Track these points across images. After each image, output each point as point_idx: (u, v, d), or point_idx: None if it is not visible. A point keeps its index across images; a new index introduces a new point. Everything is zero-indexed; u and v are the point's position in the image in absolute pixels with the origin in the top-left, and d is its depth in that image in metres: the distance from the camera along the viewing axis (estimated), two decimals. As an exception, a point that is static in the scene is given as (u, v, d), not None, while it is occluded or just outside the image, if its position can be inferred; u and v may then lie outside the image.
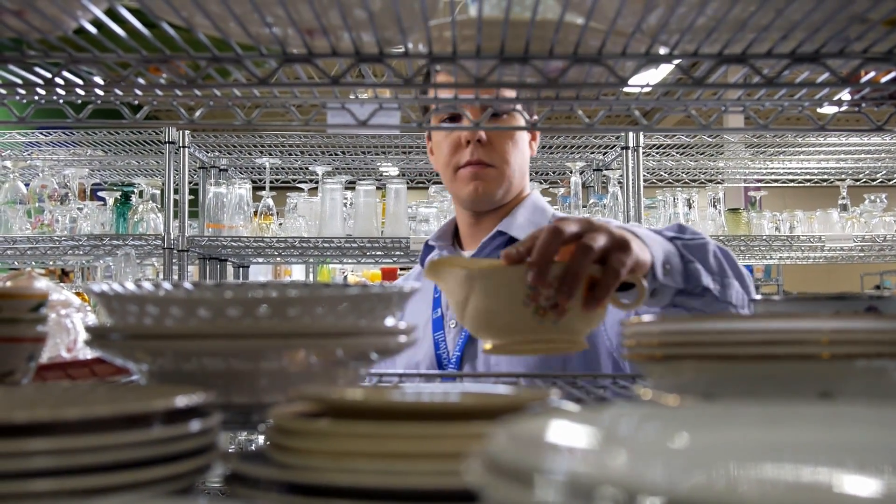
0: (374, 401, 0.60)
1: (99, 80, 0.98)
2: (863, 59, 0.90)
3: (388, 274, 5.57)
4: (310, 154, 3.66)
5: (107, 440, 0.49)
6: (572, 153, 3.59)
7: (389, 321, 0.77)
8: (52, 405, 0.61)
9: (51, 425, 0.50)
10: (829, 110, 1.10)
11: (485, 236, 1.57)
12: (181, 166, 3.12)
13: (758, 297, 1.11)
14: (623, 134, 3.15)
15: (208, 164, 3.60)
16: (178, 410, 0.56)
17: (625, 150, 3.10)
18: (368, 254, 3.28)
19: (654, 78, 1.05)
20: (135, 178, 3.54)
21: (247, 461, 0.55)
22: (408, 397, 0.63)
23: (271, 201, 3.28)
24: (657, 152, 3.72)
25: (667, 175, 4.05)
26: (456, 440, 0.50)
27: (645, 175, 3.31)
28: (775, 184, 4.41)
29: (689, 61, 0.92)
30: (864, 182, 4.22)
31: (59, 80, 0.97)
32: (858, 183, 4.20)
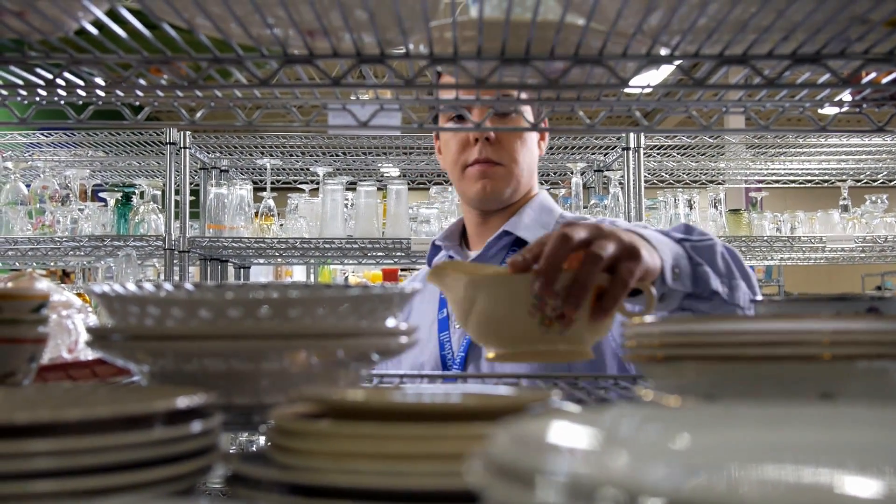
0: (375, 402, 0.60)
1: (100, 81, 0.98)
2: (864, 59, 0.90)
3: (389, 275, 5.58)
4: (311, 155, 3.66)
5: (108, 441, 0.49)
6: (573, 154, 3.59)
7: (390, 322, 0.77)
8: (53, 406, 0.61)
9: (52, 426, 0.50)
10: (830, 111, 1.10)
11: (492, 236, 1.55)
12: (182, 167, 3.13)
13: (759, 297, 1.11)
14: (624, 135, 3.15)
15: (209, 165, 3.60)
16: (179, 411, 0.56)
17: (626, 151, 3.10)
18: (369, 255, 3.28)
19: (655, 79, 1.05)
20: (136, 179, 3.54)
21: (248, 462, 0.55)
22: (409, 398, 0.63)
23: (272, 202, 3.28)
24: (658, 153, 3.72)
25: (668, 176, 4.05)
26: (457, 441, 0.50)
27: (646, 176, 3.32)
28: (776, 185, 4.41)
29: (690, 62, 0.92)
30: (865, 183, 4.22)
31: (60, 81, 0.97)
32: (859, 184, 4.20)
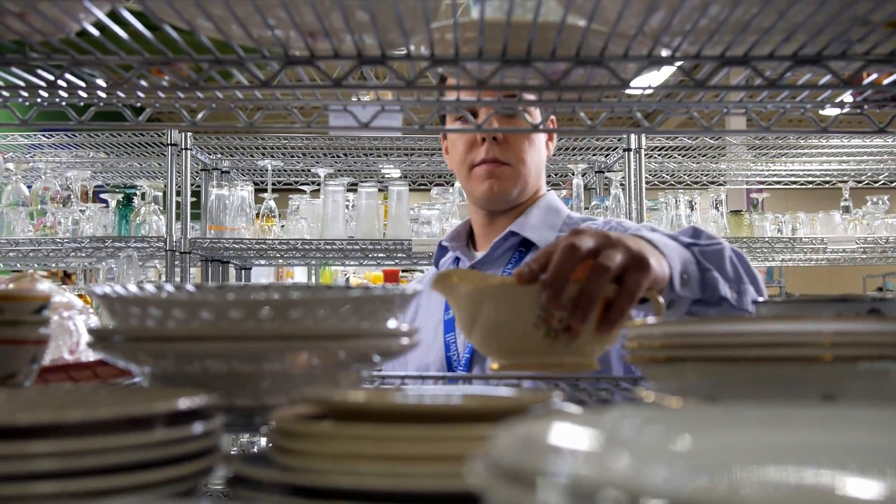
0: (376, 403, 0.60)
1: (101, 82, 0.98)
2: (865, 61, 0.90)
3: (390, 276, 5.58)
4: (312, 156, 3.66)
5: (109, 442, 0.49)
6: (574, 155, 3.59)
7: (392, 323, 0.77)
8: (54, 407, 0.61)
9: (53, 427, 0.50)
10: (831, 112, 1.09)
11: (498, 236, 1.55)
12: (183, 168, 3.13)
13: (760, 298, 1.11)
14: (625, 136, 3.15)
15: (210, 166, 3.60)
16: (180, 413, 0.56)
17: (627, 152, 3.10)
18: (370, 256, 3.28)
19: (656, 80, 1.05)
20: (137, 181, 3.54)
21: (249, 463, 0.55)
22: (410, 399, 0.63)
23: (273, 203, 3.28)
24: (659, 154, 3.72)
25: (669, 177, 4.05)
26: (458, 442, 0.50)
27: (647, 177, 3.32)
28: (777, 186, 4.41)
29: (691, 63, 0.92)
30: (867, 184, 4.22)
31: (61, 83, 0.97)
32: (861, 185, 4.20)
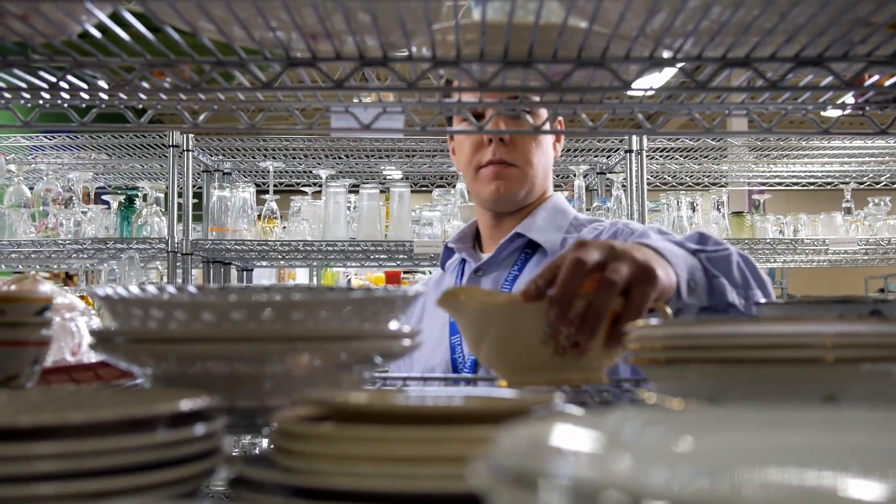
0: (378, 404, 0.60)
1: (103, 84, 0.98)
2: (867, 62, 0.90)
3: (391, 277, 5.58)
4: (313, 157, 3.66)
5: (111, 444, 0.49)
6: (576, 156, 3.59)
7: (393, 325, 0.77)
8: (56, 409, 0.61)
9: (55, 429, 0.50)
10: (832, 114, 1.09)
11: (504, 237, 1.54)
12: (185, 170, 3.13)
13: (762, 300, 1.11)
14: (627, 137, 3.15)
15: (212, 168, 3.60)
16: (182, 414, 0.56)
17: (628, 154, 3.10)
18: (372, 257, 3.28)
19: (657, 81, 1.05)
20: (139, 182, 3.55)
21: (251, 465, 0.55)
22: (412, 401, 0.63)
23: (275, 205, 3.28)
24: (661, 155, 3.72)
25: (670, 178, 4.05)
26: (460, 444, 0.50)
27: (648, 178, 3.32)
28: (779, 187, 4.41)
29: (692, 65, 0.92)
30: (868, 185, 4.22)
31: (63, 84, 0.97)
32: (862, 186, 4.20)
